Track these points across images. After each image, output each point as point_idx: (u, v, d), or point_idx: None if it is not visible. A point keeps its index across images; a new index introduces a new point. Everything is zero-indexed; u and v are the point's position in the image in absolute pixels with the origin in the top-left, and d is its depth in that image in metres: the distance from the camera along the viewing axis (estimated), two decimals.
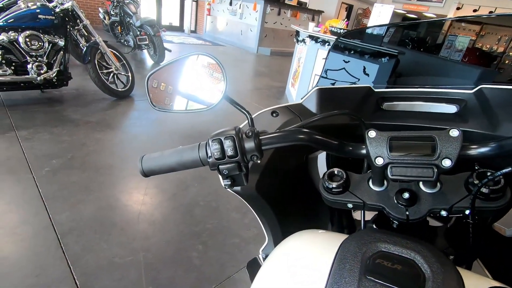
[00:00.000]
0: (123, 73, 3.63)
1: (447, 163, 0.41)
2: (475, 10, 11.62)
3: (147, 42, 5.42)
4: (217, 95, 0.49)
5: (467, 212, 0.47)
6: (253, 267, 0.75)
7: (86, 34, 3.41)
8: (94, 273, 1.42)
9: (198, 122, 3.30)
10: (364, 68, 3.23)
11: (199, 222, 1.86)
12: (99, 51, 3.33)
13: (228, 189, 0.51)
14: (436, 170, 0.43)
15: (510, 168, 0.41)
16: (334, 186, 0.53)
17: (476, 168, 0.47)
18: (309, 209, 0.82)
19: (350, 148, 0.50)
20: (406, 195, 0.50)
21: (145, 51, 5.90)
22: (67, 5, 3.04)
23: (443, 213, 0.49)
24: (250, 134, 0.47)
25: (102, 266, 1.46)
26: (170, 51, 5.69)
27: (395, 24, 3.99)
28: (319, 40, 3.61)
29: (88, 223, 1.71)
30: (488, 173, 0.45)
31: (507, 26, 11.17)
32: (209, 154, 0.46)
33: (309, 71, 3.93)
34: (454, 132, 0.42)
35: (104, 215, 1.80)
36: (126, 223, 1.77)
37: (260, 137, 0.48)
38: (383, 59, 2.97)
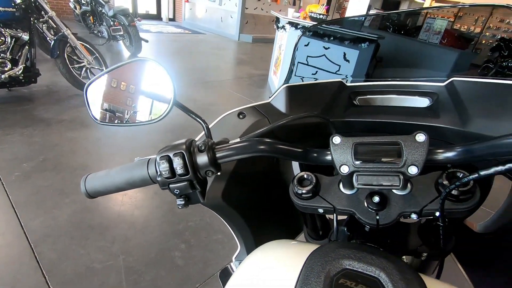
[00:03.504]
0: (96, 67, 3.46)
1: (413, 170, 0.39)
2: None
3: (122, 33, 5.18)
4: (165, 103, 0.44)
5: (437, 214, 0.45)
6: (225, 276, 0.73)
7: (55, 26, 3.20)
8: (72, 281, 1.37)
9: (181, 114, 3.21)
10: (345, 54, 3.20)
11: (181, 220, 1.82)
12: (69, 44, 3.14)
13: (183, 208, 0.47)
14: (402, 177, 0.41)
15: (477, 174, 0.39)
16: (303, 191, 0.50)
17: (449, 166, 0.45)
18: (283, 213, 0.79)
19: (315, 155, 0.47)
20: (376, 198, 0.47)
21: (120, 42, 5.65)
22: None
23: (413, 216, 0.47)
24: (203, 148, 0.42)
25: (80, 273, 1.41)
26: (147, 41, 5.48)
27: (369, 15, 3.96)
28: (299, 26, 3.53)
29: (64, 228, 1.65)
30: (458, 173, 0.43)
31: (483, 5, 11.35)
32: (159, 172, 0.42)
33: (297, 57, 3.87)
34: (421, 137, 0.39)
35: (81, 219, 1.73)
36: (105, 226, 1.71)
37: (215, 150, 0.44)
38: (363, 44, 2.95)
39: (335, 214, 0.59)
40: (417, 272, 0.39)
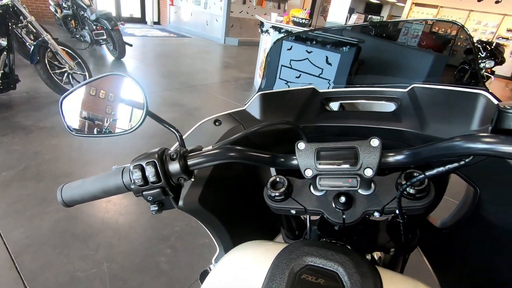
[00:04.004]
0: (78, 72, 3.41)
1: (368, 172, 0.42)
2: None
3: (105, 37, 5.11)
4: (139, 114, 0.47)
5: (398, 211, 0.49)
6: (205, 277, 0.75)
7: (34, 31, 3.14)
8: None
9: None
10: (327, 58, 3.28)
11: (167, 225, 1.82)
12: (49, 49, 3.09)
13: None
14: (359, 179, 0.44)
15: (423, 175, 0.42)
16: (276, 194, 0.53)
17: (412, 166, 0.49)
18: (262, 215, 0.82)
19: (282, 160, 0.50)
20: (342, 199, 0.51)
21: (104, 46, 5.56)
22: (6, 0, 2.76)
23: (376, 214, 0.50)
24: (174, 156, 0.45)
25: (63, 282, 1.39)
26: (131, 45, 5.41)
27: (339, 28, 4.06)
28: (282, 30, 3.59)
29: (46, 238, 1.62)
30: (414, 174, 0.47)
31: (461, 9, 11.84)
32: (132, 181, 0.44)
33: (275, 62, 3.92)
34: (375, 142, 0.42)
35: (64, 227, 1.70)
36: (89, 234, 1.69)
37: (187, 158, 0.46)
38: (344, 48, 3.03)
39: (306, 215, 0.63)
40: (374, 265, 0.43)
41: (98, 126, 0.52)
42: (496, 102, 0.52)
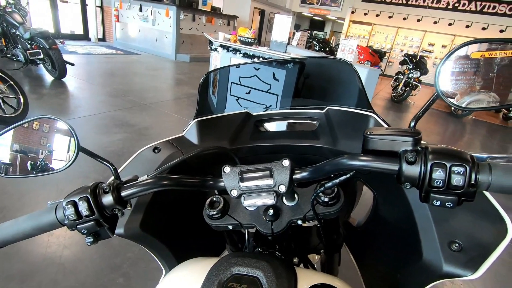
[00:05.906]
0: (11, 96, 3.13)
1: (282, 188, 0.50)
2: (365, 14, 13.52)
3: (41, 56, 4.75)
4: (71, 151, 0.49)
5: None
6: None
7: None
8: None
9: (112, 142, 3.07)
10: (274, 74, 3.47)
11: (118, 252, 1.75)
12: None
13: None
14: (275, 195, 0.52)
15: (323, 187, 0.52)
16: (214, 212, 0.59)
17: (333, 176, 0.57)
18: (207, 233, 0.87)
19: (211, 183, 0.56)
20: (271, 211, 0.58)
21: (41, 66, 5.16)
22: None
23: (299, 222, 0.59)
24: (107, 189, 0.48)
25: None
26: (72, 64, 5.11)
27: (255, 62, 4.36)
28: (230, 49, 3.73)
29: None
30: (325, 185, 0.56)
31: (390, 26, 13.37)
32: (66, 216, 0.46)
33: (224, 82, 4.03)
34: (286, 162, 0.50)
35: None
36: (27, 273, 1.55)
37: (121, 190, 0.50)
38: (288, 65, 3.24)
39: (245, 229, 0.69)
40: (292, 267, 0.50)
41: (32, 159, 0.52)
42: (382, 122, 0.65)
